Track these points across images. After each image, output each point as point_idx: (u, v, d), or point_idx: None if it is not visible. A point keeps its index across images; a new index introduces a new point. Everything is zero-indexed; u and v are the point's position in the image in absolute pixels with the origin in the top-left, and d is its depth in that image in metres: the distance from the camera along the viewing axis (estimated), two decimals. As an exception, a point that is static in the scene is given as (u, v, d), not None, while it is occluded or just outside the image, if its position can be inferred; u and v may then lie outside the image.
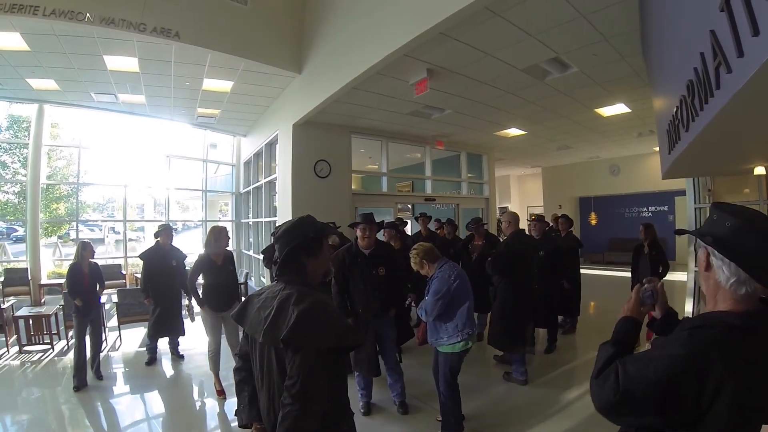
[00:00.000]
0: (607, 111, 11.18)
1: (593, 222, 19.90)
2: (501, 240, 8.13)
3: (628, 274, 6.68)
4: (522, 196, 25.75)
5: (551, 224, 9.89)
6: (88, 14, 8.04)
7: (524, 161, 20.72)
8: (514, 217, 6.96)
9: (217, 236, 6.40)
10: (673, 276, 14.64)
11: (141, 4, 8.39)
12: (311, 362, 2.08)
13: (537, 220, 8.41)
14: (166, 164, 15.64)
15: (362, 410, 5.65)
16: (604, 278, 15.59)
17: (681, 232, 2.09)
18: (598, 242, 19.38)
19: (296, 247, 2.40)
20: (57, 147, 17.02)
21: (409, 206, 15.85)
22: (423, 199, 14.97)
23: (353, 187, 12.99)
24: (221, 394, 6.30)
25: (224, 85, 11.37)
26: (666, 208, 18.98)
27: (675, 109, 3.91)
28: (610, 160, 19.78)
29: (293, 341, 2.07)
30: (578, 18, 6.21)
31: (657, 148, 15.90)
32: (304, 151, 11.49)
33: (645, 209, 19.72)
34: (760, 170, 6.86)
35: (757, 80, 1.98)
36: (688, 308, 8.93)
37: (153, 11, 8.48)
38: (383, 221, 6.37)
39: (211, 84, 11.26)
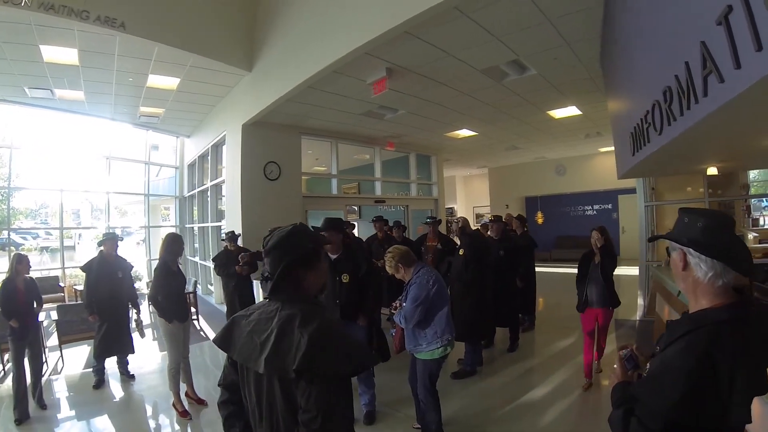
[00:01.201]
0: (558, 113, 11.34)
1: (540, 221, 20.27)
2: (453, 241, 8.29)
3: (575, 271, 6.36)
4: (468, 197, 25.99)
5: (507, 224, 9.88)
6: None
7: (472, 162, 20.88)
8: (467, 220, 7.40)
9: (172, 242, 6.07)
10: (620, 270, 15.07)
11: None
12: (331, 392, 1.80)
13: (495, 220, 8.44)
14: (106, 167, 14.93)
15: None
16: (553, 275, 16.03)
17: (655, 238, 2.36)
18: (545, 241, 19.53)
19: (294, 260, 2.09)
20: None
21: (355, 208, 15.75)
22: (373, 201, 14.86)
23: (302, 190, 12.77)
24: (185, 415, 5.89)
25: (170, 82, 10.90)
26: (610, 206, 19.70)
27: (645, 113, 4.06)
28: (556, 161, 20.17)
29: (308, 370, 1.76)
30: (544, 22, 6.23)
31: (603, 149, 16.56)
32: (254, 152, 11.19)
33: (590, 207, 20.42)
34: (712, 170, 7.38)
35: (752, 92, 2.12)
36: (640, 301, 9.52)
37: None
38: (348, 222, 6.14)
39: (156, 80, 10.75)
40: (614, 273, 6.17)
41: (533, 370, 7.19)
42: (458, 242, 7.51)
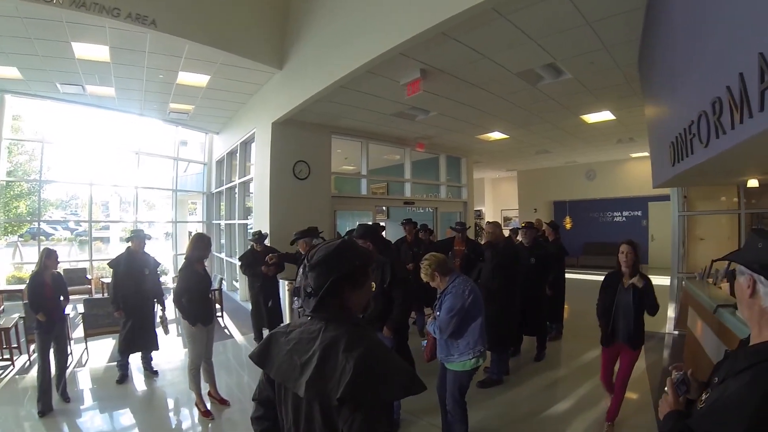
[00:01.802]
0: (592, 117, 11.17)
1: (568, 226, 20.00)
2: (482, 246, 7.97)
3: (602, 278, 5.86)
4: (496, 199, 25.76)
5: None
6: None
7: (501, 164, 20.73)
8: (499, 227, 7.10)
9: (198, 242, 5.99)
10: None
11: None
12: (374, 419, 1.66)
13: (527, 227, 8.24)
14: (135, 161, 15.10)
15: None
16: (580, 282, 15.60)
17: (723, 259, 2.07)
18: (572, 246, 19.14)
19: (341, 277, 1.91)
20: (18, 141, 16.05)
21: (384, 209, 15.67)
22: (402, 203, 14.77)
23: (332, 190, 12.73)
24: (207, 415, 5.84)
25: (200, 79, 10.92)
26: (639, 213, 19.33)
27: (690, 123, 3.91)
28: (586, 165, 19.92)
29: (352, 399, 1.63)
30: (583, 25, 6.10)
31: (635, 155, 16.28)
32: (283, 151, 11.13)
33: (619, 214, 20.06)
34: (753, 182, 7.21)
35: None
36: (670, 313, 9.26)
37: None
38: (382, 227, 5.97)
39: (186, 77, 10.80)
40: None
41: (560, 380, 7.01)
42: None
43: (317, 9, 8.81)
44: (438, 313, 4.57)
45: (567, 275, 9.42)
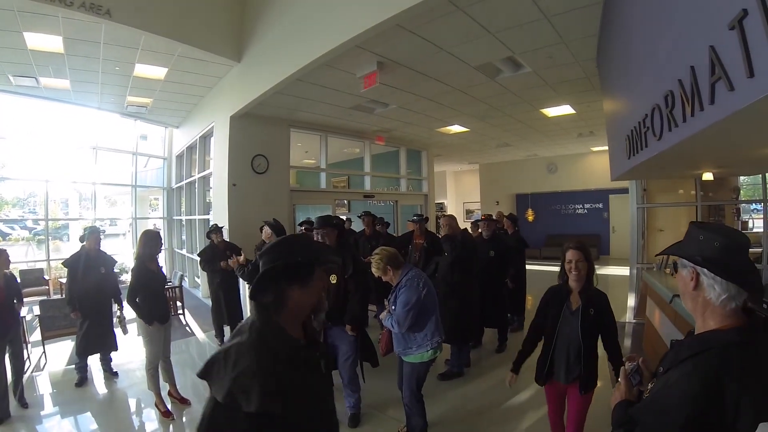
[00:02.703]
0: (552, 111, 11.30)
1: (530, 218, 20.40)
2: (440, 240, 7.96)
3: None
4: (458, 192, 25.92)
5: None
6: None
7: (462, 157, 20.76)
8: (454, 219, 7.14)
9: (149, 240, 5.87)
10: (609, 270, 15.03)
11: None
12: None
13: (487, 219, 8.30)
14: (93, 157, 14.71)
15: None
16: (542, 273, 15.68)
17: (665, 253, 2.05)
18: (535, 239, 19.42)
19: (277, 268, 1.85)
20: None
21: (345, 202, 15.66)
22: (362, 196, 14.80)
23: (291, 183, 12.67)
24: (168, 415, 5.75)
25: (158, 72, 10.71)
26: (601, 205, 19.62)
27: (644, 116, 3.98)
28: (547, 158, 20.16)
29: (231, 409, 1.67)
30: (541, 19, 6.14)
31: (595, 148, 16.55)
32: (242, 144, 11.05)
33: (581, 206, 20.31)
34: (708, 176, 7.31)
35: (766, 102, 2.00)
36: (630, 303, 9.46)
37: None
38: (343, 219, 5.95)
39: (143, 70, 10.55)
40: (602, 272, 5.29)
41: (522, 370, 7.05)
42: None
43: (273, 1, 8.74)
44: (393, 307, 4.58)
45: (529, 267, 9.54)
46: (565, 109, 11.04)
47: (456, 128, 13.38)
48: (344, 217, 10.94)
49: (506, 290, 8.31)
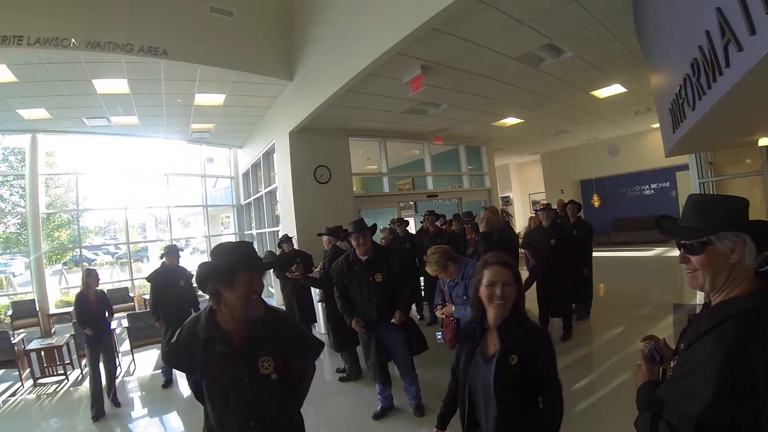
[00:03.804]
0: (603, 92, 11.13)
1: (596, 204, 19.88)
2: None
3: (636, 254, 5.60)
4: (523, 184, 25.50)
5: (559, 211, 9.67)
6: (73, 40, 7.98)
7: (523, 149, 20.61)
8: (494, 213, 7.11)
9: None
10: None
11: (126, 24, 8.30)
12: None
13: (545, 209, 8.25)
14: (165, 182, 15.61)
15: (373, 415, 5.71)
16: (611, 260, 15.61)
17: (711, 231, 1.72)
18: (602, 224, 19.10)
19: (208, 270, 2.40)
20: (54, 175, 16.72)
21: (412, 203, 15.81)
22: (425, 196, 14.90)
23: (354, 190, 12.97)
24: None
25: (216, 99, 11.30)
26: (668, 184, 18.85)
27: (678, 88, 3.90)
28: (608, 141, 19.66)
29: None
30: (570, 2, 6.18)
31: (655, 125, 16.04)
32: (303, 158, 11.44)
33: (647, 187, 19.59)
34: (764, 141, 6.90)
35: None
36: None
37: (139, 31, 8.39)
38: (374, 224, 6.09)
39: (203, 99, 11.19)
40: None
41: (587, 358, 7.04)
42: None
43: (317, 20, 9.11)
44: (465, 297, 4.67)
45: (599, 253, 9.37)
46: (616, 89, 10.86)
47: (510, 120, 13.37)
48: (405, 218, 11.22)
49: (569, 278, 8.13)
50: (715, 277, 1.67)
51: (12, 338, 8.32)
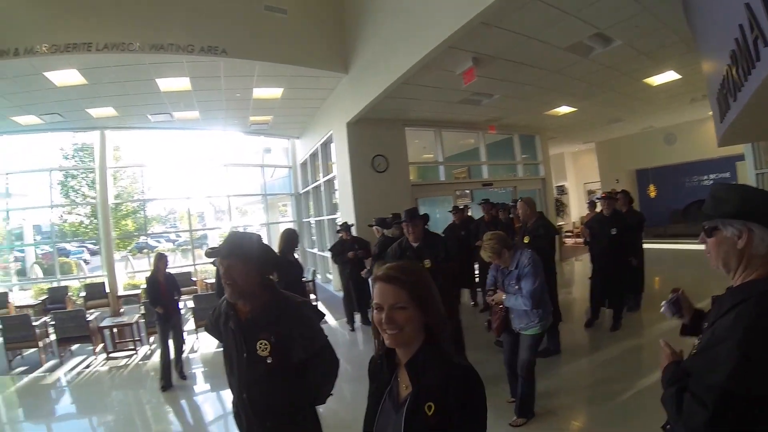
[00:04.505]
0: (656, 80, 10.96)
1: (652, 194, 19.35)
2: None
3: (694, 247, 5.50)
4: (578, 173, 25.03)
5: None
6: (137, 43, 8.69)
7: (577, 137, 20.29)
8: (528, 204, 7.20)
9: (287, 237, 6.77)
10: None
11: (187, 26, 8.94)
12: None
13: (607, 197, 8.27)
14: (225, 173, 16.30)
15: None
16: (667, 252, 15.30)
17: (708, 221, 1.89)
18: (658, 215, 18.70)
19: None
20: (121, 168, 17.87)
21: (468, 192, 15.88)
22: (480, 185, 15.01)
23: (411, 179, 13.24)
24: None
25: (274, 93, 11.74)
26: (728, 174, 18.07)
27: (722, 78, 3.90)
28: (664, 129, 18.88)
29: None
30: (615, -8, 6.19)
31: (712, 113, 15.32)
32: (360, 147, 11.75)
33: (705, 177, 19.00)
34: None
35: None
36: None
37: (199, 32, 8.99)
38: (426, 214, 6.22)
39: (261, 93, 11.64)
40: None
41: (634, 350, 7.07)
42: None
43: (369, 15, 9.43)
44: (517, 286, 4.76)
45: (655, 246, 9.23)
46: (670, 76, 10.68)
47: (563, 109, 13.36)
48: (462, 206, 11.38)
49: (626, 269, 8.13)
50: (726, 260, 1.82)
51: (87, 316, 9.06)
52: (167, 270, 7.60)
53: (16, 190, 15.54)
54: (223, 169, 16.23)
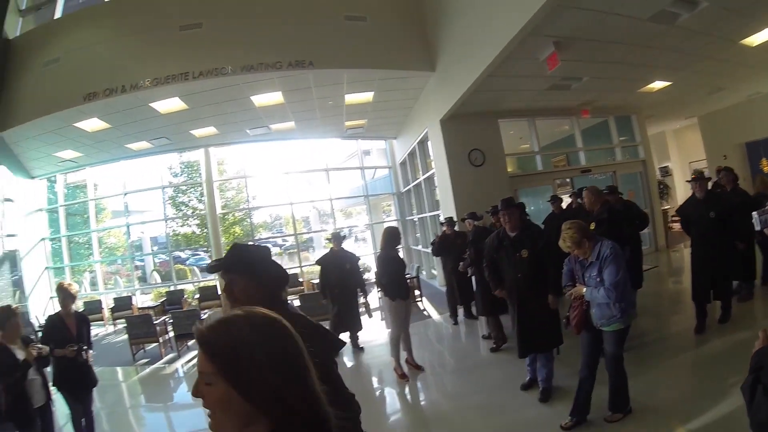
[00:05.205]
0: (755, 39, 10.04)
1: (766, 168, 17.54)
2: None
3: None
4: (681, 152, 23.44)
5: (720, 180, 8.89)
6: (229, 67, 9.70)
7: (677, 113, 19.16)
8: (592, 193, 7.12)
9: (389, 235, 7.18)
10: None
11: (273, 45, 9.77)
12: None
13: (698, 178, 7.31)
14: (326, 177, 17.13)
15: (521, 386, 6.03)
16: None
17: None
18: (776, 193, 16.89)
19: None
20: (226, 180, 19.48)
21: (568, 180, 15.61)
22: (579, 172, 14.79)
23: (509, 170, 13.42)
24: (403, 377, 7.03)
25: (365, 97, 12.27)
26: None
27: None
28: (775, 94, 17.15)
29: None
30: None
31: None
32: (456, 143, 12.00)
33: (831, 146, 16.86)
34: None
35: None
36: None
37: (285, 49, 9.78)
38: (521, 202, 6.39)
39: (352, 98, 12.21)
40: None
41: (740, 344, 6.18)
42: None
43: (448, 12, 9.68)
44: (598, 279, 4.56)
45: None
46: None
47: (658, 84, 12.85)
48: (577, 188, 11.50)
49: (731, 256, 7.25)
50: None
51: (200, 315, 10.35)
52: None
53: (134, 207, 18.13)
54: (324, 174, 17.08)
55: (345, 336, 8.79)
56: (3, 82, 11.37)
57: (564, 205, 11.10)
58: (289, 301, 2.76)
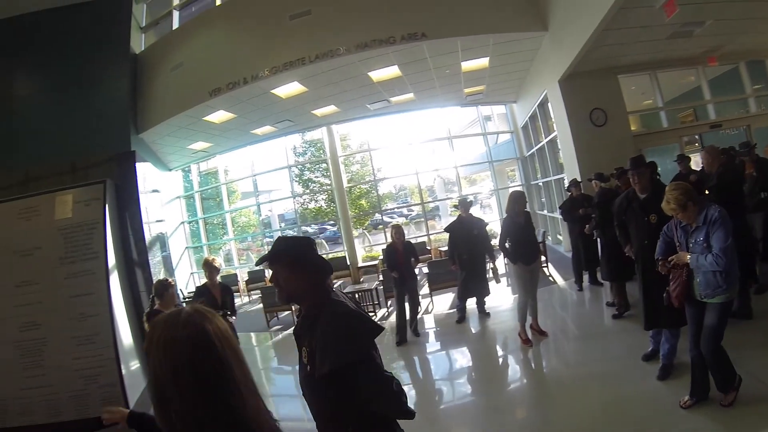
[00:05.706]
0: None
1: None
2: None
3: None
4: None
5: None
6: (342, 48, 10.06)
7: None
8: (711, 150, 6.61)
9: (514, 198, 7.24)
10: None
11: (384, 21, 9.98)
12: None
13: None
14: (449, 145, 17.33)
15: (643, 356, 5.75)
16: None
17: None
18: None
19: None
20: (350, 155, 20.43)
21: (697, 137, 14.67)
22: (708, 127, 13.68)
23: (633, 129, 12.87)
24: (527, 342, 7.08)
25: (481, 63, 12.17)
26: None
27: None
28: None
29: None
30: None
31: None
32: (576, 103, 11.70)
33: None
34: None
35: None
36: None
37: (397, 23, 9.93)
38: (653, 161, 5.94)
39: (469, 65, 12.17)
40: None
41: None
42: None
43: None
44: (705, 244, 4.18)
45: None
46: None
47: (798, 17, 11.43)
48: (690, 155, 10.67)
49: None
50: None
51: (332, 285, 10.61)
52: (405, 239, 8.65)
53: (263, 187, 20.12)
54: (448, 142, 17.29)
55: (471, 302, 9.10)
56: (137, 92, 12.57)
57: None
58: (336, 288, 2.84)
